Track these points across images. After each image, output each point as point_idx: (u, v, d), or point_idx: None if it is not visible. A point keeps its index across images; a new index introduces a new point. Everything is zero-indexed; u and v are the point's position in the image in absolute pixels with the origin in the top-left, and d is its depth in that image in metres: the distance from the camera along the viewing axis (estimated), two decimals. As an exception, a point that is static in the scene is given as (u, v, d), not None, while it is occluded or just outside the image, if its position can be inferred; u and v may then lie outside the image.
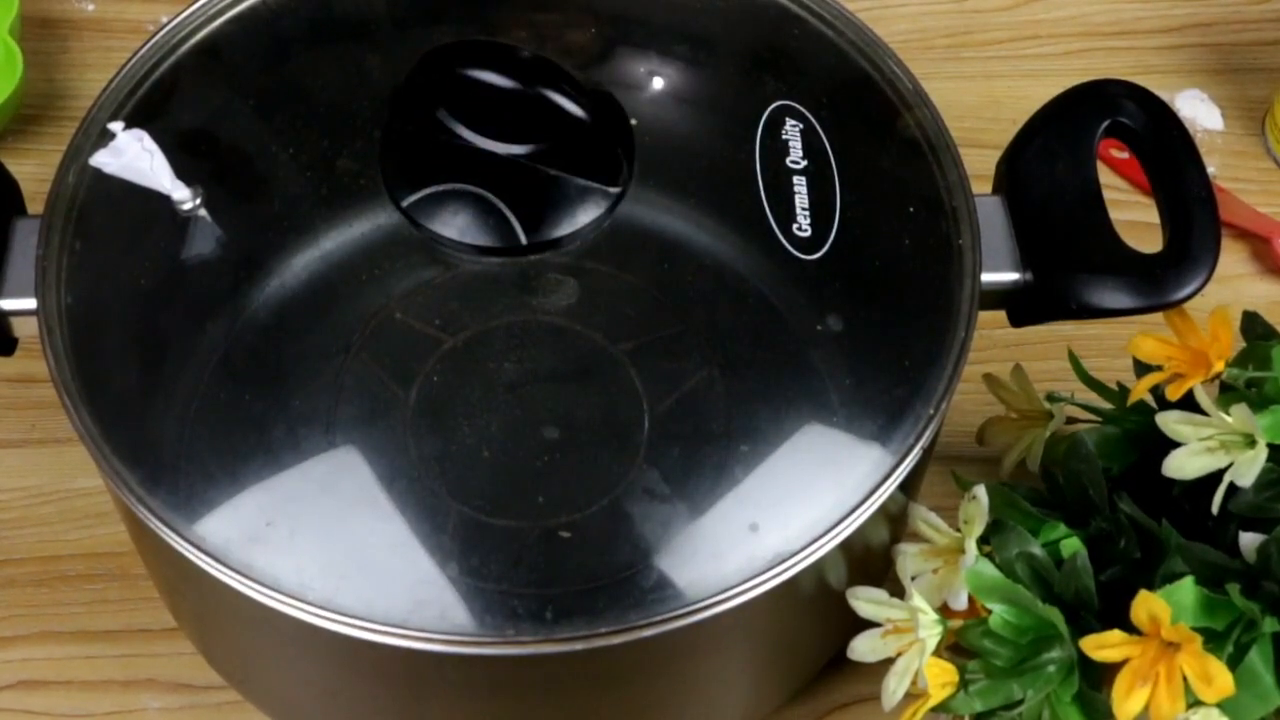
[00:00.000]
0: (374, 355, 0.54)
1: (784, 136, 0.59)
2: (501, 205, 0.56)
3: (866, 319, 0.56)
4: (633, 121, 0.58)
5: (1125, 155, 0.84)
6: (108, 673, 0.69)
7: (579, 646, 0.51)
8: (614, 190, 0.56)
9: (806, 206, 0.57)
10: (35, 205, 0.60)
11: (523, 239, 0.55)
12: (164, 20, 0.63)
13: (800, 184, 0.58)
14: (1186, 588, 0.57)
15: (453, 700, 0.57)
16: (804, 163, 0.58)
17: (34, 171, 0.78)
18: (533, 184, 0.55)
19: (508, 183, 0.55)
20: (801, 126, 0.59)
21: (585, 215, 0.56)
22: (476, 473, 0.52)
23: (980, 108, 0.82)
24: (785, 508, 0.52)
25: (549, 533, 0.52)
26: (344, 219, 0.56)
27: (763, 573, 0.51)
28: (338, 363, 0.54)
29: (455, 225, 0.56)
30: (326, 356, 0.54)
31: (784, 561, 0.52)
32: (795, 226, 0.57)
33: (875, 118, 0.62)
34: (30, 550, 0.71)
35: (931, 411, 0.54)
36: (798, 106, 0.60)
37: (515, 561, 0.51)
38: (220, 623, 0.60)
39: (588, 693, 0.56)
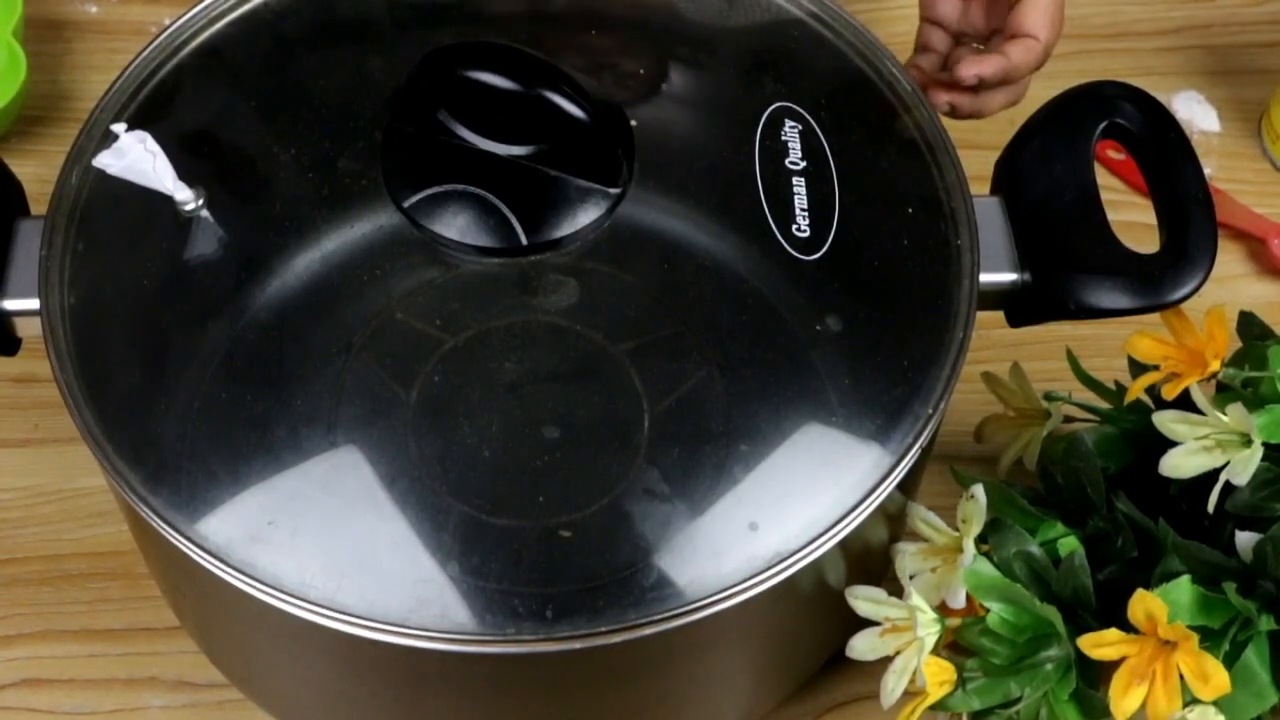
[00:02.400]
0: (375, 355, 0.54)
1: (783, 138, 0.59)
2: (502, 206, 0.56)
3: (865, 319, 0.56)
4: (633, 123, 0.58)
5: (1122, 156, 0.84)
6: (110, 671, 0.69)
7: (579, 645, 0.51)
8: (614, 191, 0.57)
9: (806, 207, 0.57)
10: (39, 206, 0.60)
11: (523, 239, 0.56)
12: (167, 22, 0.63)
13: (799, 185, 0.58)
14: (1183, 586, 0.57)
15: (453, 698, 0.58)
16: (803, 164, 0.58)
17: (37, 172, 0.78)
18: (533, 185, 0.56)
19: (508, 183, 0.55)
20: (800, 128, 0.59)
21: (585, 216, 0.56)
22: (477, 472, 0.53)
23: (977, 109, 0.82)
24: (785, 507, 0.53)
25: (549, 532, 0.52)
26: (345, 220, 0.56)
27: (762, 572, 0.52)
28: (339, 363, 0.54)
29: (456, 226, 0.56)
30: (328, 356, 0.54)
31: (783, 560, 0.52)
32: (794, 227, 0.57)
33: (874, 119, 0.62)
34: (33, 549, 0.72)
35: (930, 411, 0.55)
36: (797, 108, 0.60)
37: (516, 560, 0.52)
38: (222, 621, 0.60)
39: (588, 691, 0.57)
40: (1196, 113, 0.87)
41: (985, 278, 0.58)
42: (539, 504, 0.52)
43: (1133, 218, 0.78)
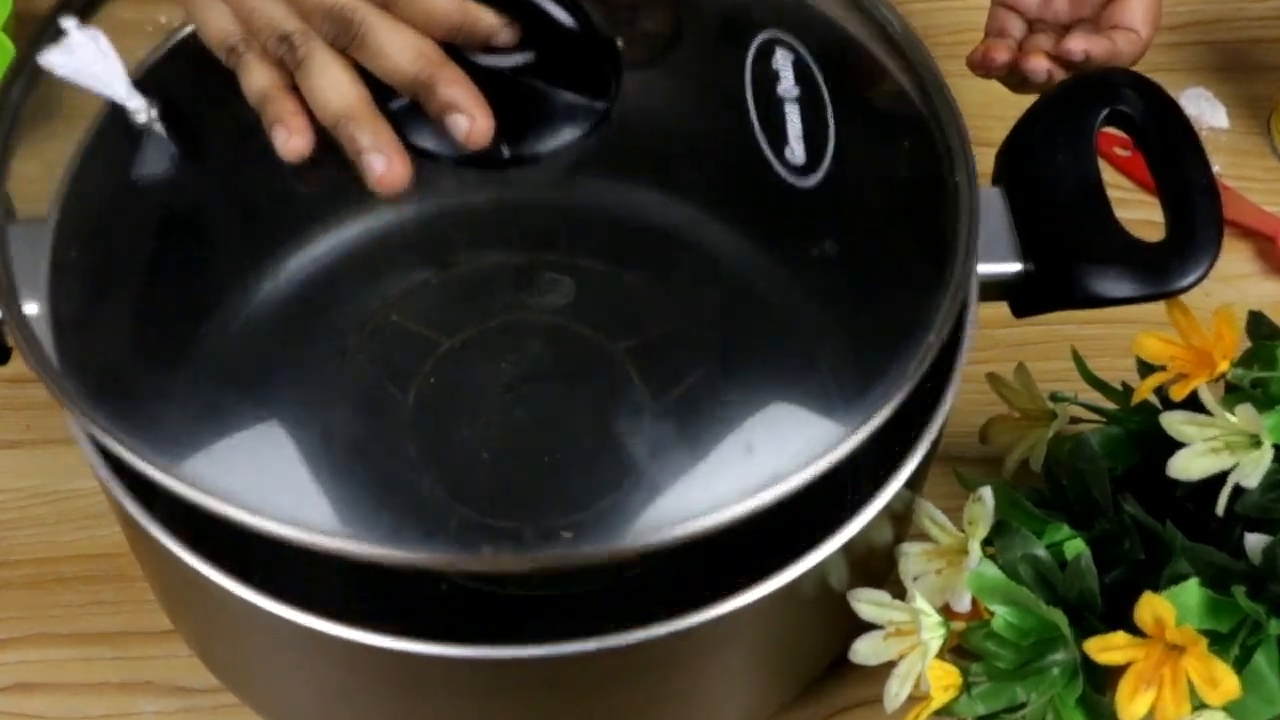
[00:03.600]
0: (371, 358, 0.54)
1: (777, 69, 0.58)
2: None
3: (866, 315, 0.56)
4: (618, 42, 0.55)
5: (1128, 154, 0.84)
6: (104, 675, 0.68)
7: (582, 647, 0.51)
8: (600, 105, 0.55)
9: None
10: (33, 207, 0.59)
11: (505, 153, 0.54)
12: (162, 20, 0.63)
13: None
14: (1191, 590, 0.57)
15: (453, 703, 0.57)
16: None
17: (30, 172, 0.77)
18: (516, 97, 0.54)
19: (491, 95, 0.53)
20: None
21: (570, 132, 0.54)
22: (476, 474, 0.52)
23: (986, 105, 0.81)
24: (788, 504, 0.52)
25: (550, 533, 0.51)
26: (342, 218, 0.56)
27: (767, 573, 0.51)
28: (334, 365, 0.54)
29: (436, 137, 0.53)
30: (323, 359, 0.54)
31: (788, 562, 0.51)
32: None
33: (872, 113, 0.61)
34: (27, 552, 0.71)
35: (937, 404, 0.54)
36: (788, 39, 0.59)
37: (517, 562, 0.51)
38: (217, 626, 0.60)
39: (590, 694, 0.56)
40: (1205, 109, 0.87)
41: (989, 268, 0.58)
42: (540, 504, 0.52)
43: (1140, 215, 0.77)
